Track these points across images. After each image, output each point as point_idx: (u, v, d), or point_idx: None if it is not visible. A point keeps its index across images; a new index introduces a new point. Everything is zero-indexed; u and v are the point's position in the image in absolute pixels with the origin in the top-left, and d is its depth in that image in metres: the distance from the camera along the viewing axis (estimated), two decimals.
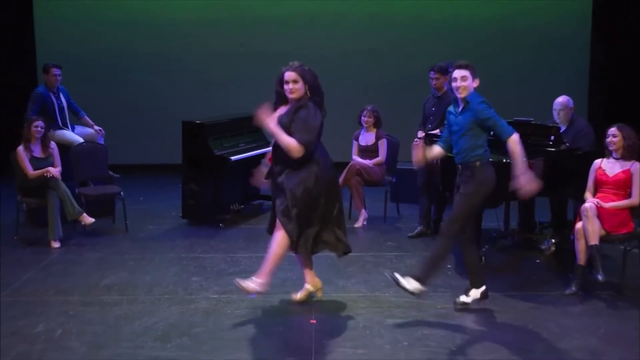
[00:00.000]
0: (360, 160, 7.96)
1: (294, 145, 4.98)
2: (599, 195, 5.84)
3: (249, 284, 5.13)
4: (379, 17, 11.15)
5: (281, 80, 5.13)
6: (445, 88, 7.09)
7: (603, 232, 5.62)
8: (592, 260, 5.55)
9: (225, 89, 11.09)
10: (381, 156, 7.96)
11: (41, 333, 4.95)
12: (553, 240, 6.75)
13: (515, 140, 5.02)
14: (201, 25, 11.12)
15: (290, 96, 5.10)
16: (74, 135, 8.19)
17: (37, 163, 7.19)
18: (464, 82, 5.11)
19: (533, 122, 6.70)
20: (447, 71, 7.08)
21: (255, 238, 7.36)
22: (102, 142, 8.41)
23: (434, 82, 7.19)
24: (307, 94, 5.12)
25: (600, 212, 5.61)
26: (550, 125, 6.65)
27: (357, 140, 8.11)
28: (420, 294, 5.18)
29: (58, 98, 8.18)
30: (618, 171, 5.78)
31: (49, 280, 6.10)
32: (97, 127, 8.49)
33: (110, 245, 7.17)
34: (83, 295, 5.73)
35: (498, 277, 6.07)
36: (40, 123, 7.27)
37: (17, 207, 7.42)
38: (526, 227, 7.04)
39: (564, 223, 6.77)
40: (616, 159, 5.82)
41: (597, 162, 5.94)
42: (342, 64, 11.06)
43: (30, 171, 7.13)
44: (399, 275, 5.17)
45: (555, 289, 5.79)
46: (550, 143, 6.43)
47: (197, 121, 7.92)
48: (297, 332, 5.04)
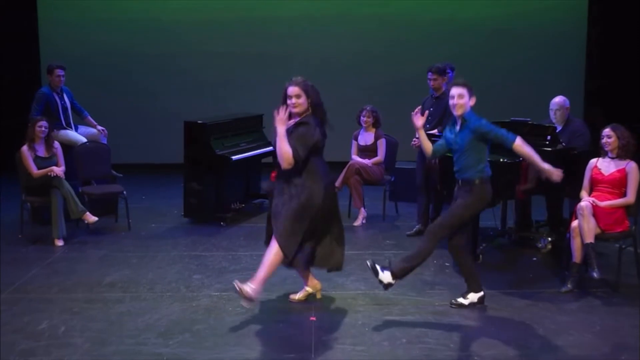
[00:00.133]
0: (359, 159, 7.99)
1: (289, 155, 4.97)
2: (594, 194, 5.85)
3: (246, 288, 5.04)
4: (377, 18, 11.16)
5: (284, 95, 5.13)
6: (444, 89, 7.11)
7: (598, 231, 5.63)
8: (587, 258, 5.57)
9: (226, 89, 11.11)
10: (380, 156, 7.99)
11: (45, 330, 4.98)
12: (549, 239, 6.77)
13: (519, 144, 5.07)
14: (202, 26, 11.14)
15: (293, 110, 5.09)
16: (77, 135, 8.20)
17: (41, 162, 7.21)
18: (461, 99, 5.14)
19: (530, 122, 6.74)
20: (444, 72, 7.16)
21: (255, 236, 7.39)
22: (105, 141, 8.42)
23: (431, 83, 7.21)
24: (309, 109, 5.12)
25: (595, 211, 5.63)
26: (547, 125, 6.68)
27: (356, 140, 8.14)
28: (388, 287, 5.19)
29: (62, 98, 8.19)
30: (613, 170, 5.79)
31: (52, 278, 6.13)
32: (100, 127, 8.49)
33: (113, 243, 7.20)
34: (86, 293, 5.76)
35: (495, 274, 6.12)
36: (44, 123, 7.31)
37: (21, 206, 7.43)
38: (523, 225, 7.06)
39: (560, 221, 6.79)
40: (611, 158, 5.83)
41: (593, 161, 5.95)
42: (342, 65, 11.08)
43: (34, 170, 7.15)
44: (379, 267, 5.16)
45: (551, 287, 5.81)
46: (547, 143, 6.46)
47: (198, 121, 7.94)
48: (297, 329, 5.05)
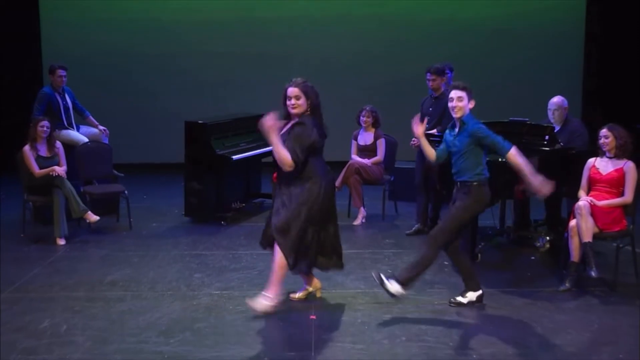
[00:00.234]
0: (359, 159, 8.01)
1: (288, 159, 4.97)
2: (592, 193, 5.86)
3: (261, 302, 5.12)
4: (377, 18, 11.18)
5: (284, 96, 5.13)
6: (442, 89, 7.15)
7: (596, 230, 5.65)
8: (585, 257, 5.59)
9: (226, 89, 11.14)
10: (379, 155, 8.01)
11: (47, 328, 5.00)
12: (547, 238, 6.80)
13: (514, 153, 5.09)
14: (202, 26, 11.17)
15: (292, 111, 5.10)
16: (79, 135, 8.23)
17: (43, 162, 7.24)
18: (460, 102, 5.18)
19: (528, 122, 6.76)
20: (443, 72, 7.18)
21: (256, 235, 7.32)
22: (106, 141, 8.45)
23: (430, 83, 7.23)
24: (308, 110, 5.11)
25: (593, 210, 5.65)
26: (545, 125, 6.69)
27: (356, 139, 8.16)
28: (401, 297, 5.26)
29: (63, 98, 8.23)
30: (611, 170, 5.81)
31: (54, 277, 6.15)
32: (101, 127, 8.52)
33: (115, 243, 7.22)
34: (88, 291, 5.78)
35: (494, 273, 6.14)
36: (46, 123, 7.33)
37: (23, 205, 7.45)
38: (521, 224, 7.07)
39: (558, 221, 6.80)
40: (609, 158, 5.84)
41: (591, 160, 5.96)
42: (342, 65, 11.10)
43: (36, 170, 7.18)
44: (384, 277, 5.24)
45: (549, 285, 5.83)
46: (545, 142, 6.47)
47: (199, 121, 7.96)
48: (297, 328, 5.07)
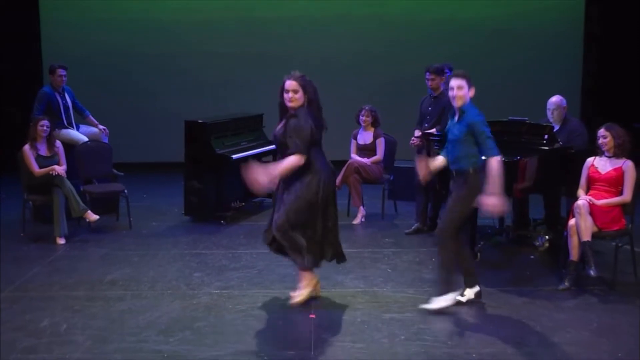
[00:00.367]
0: (358, 158, 8.01)
1: (294, 160, 4.99)
2: (591, 192, 5.86)
3: (301, 292, 5.34)
4: (377, 18, 11.18)
5: (282, 89, 5.11)
6: (442, 88, 7.15)
7: (595, 229, 5.66)
8: (584, 256, 5.59)
9: (226, 89, 11.14)
10: (379, 154, 8.01)
11: (47, 327, 5.00)
12: (547, 237, 6.80)
13: (498, 160, 5.02)
14: (202, 26, 11.17)
15: (289, 105, 5.08)
16: (78, 134, 8.24)
17: (42, 161, 7.25)
18: (460, 91, 5.15)
19: (527, 121, 6.79)
20: (442, 72, 7.19)
21: (255, 235, 7.40)
22: (106, 141, 8.46)
23: (429, 83, 7.25)
24: (305, 104, 5.09)
25: (592, 209, 5.66)
26: (544, 124, 6.72)
27: (355, 139, 8.16)
28: (456, 301, 5.33)
29: (63, 98, 8.24)
30: (610, 169, 5.81)
31: (54, 276, 6.16)
32: (101, 127, 8.54)
33: (114, 242, 7.23)
34: (88, 291, 5.79)
35: (493, 272, 6.13)
36: (45, 122, 7.34)
37: (23, 205, 7.46)
38: (520, 224, 7.07)
39: (557, 220, 6.81)
40: (608, 157, 5.85)
41: (590, 160, 5.97)
42: (341, 65, 11.10)
43: (36, 169, 7.19)
44: (432, 305, 5.28)
45: (548, 284, 5.84)
46: (544, 142, 6.50)
47: (199, 121, 7.98)
48: (296, 327, 5.08)
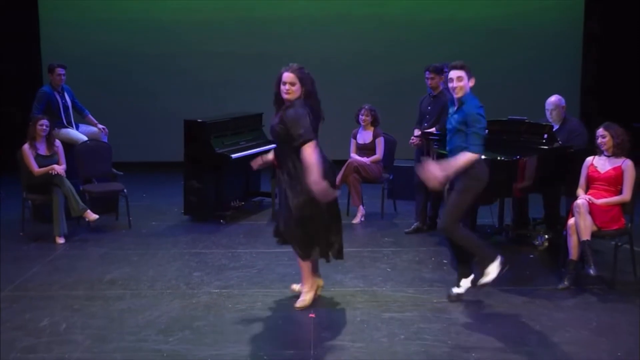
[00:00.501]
0: (358, 157, 8.01)
1: (309, 152, 4.91)
2: (590, 191, 5.87)
3: (303, 299, 5.33)
4: (377, 18, 11.18)
5: (279, 80, 5.06)
6: (441, 87, 7.17)
7: (595, 228, 5.66)
8: (584, 256, 5.59)
9: (226, 89, 11.14)
10: (378, 154, 8.01)
11: (46, 327, 5.01)
12: (546, 236, 6.81)
13: (471, 157, 5.06)
14: (202, 26, 11.17)
15: (285, 97, 5.02)
16: (78, 134, 8.23)
17: (42, 161, 7.25)
18: (460, 82, 5.17)
19: (526, 120, 6.79)
20: (442, 71, 7.19)
21: (255, 234, 7.45)
22: (105, 140, 8.46)
23: (429, 82, 7.25)
24: (302, 97, 5.04)
25: (592, 209, 5.66)
26: (544, 123, 6.72)
27: (355, 138, 8.16)
28: (474, 284, 5.45)
29: (63, 97, 8.23)
30: (609, 168, 5.81)
31: (53, 275, 6.16)
32: (100, 126, 8.53)
33: (114, 241, 7.23)
34: (87, 290, 5.79)
35: None
36: (45, 122, 7.34)
37: (22, 204, 7.47)
38: (520, 223, 7.07)
39: (556, 219, 6.82)
40: (607, 156, 5.85)
41: (589, 159, 5.97)
42: (341, 65, 11.09)
43: (36, 169, 7.19)
44: (455, 291, 5.40)
45: (548, 284, 5.84)
46: (543, 141, 6.51)
47: (198, 120, 7.97)
48: (296, 326, 5.09)
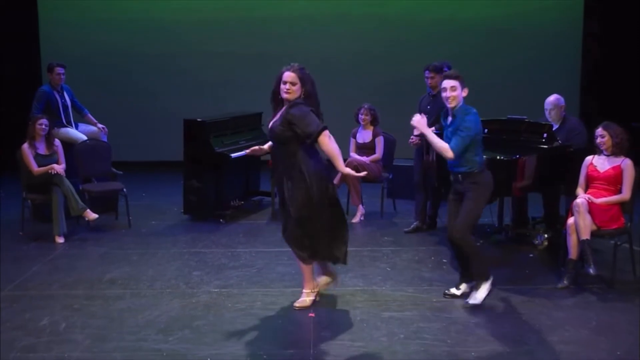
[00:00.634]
0: (357, 157, 8.00)
1: (326, 141, 4.95)
2: (590, 191, 5.88)
3: (302, 299, 5.34)
4: (377, 18, 11.19)
5: (279, 79, 5.04)
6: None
7: (594, 227, 5.68)
8: (583, 255, 5.61)
9: (226, 89, 11.14)
10: (378, 153, 8.02)
11: (46, 326, 5.01)
12: (546, 235, 6.81)
13: (446, 151, 5.17)
14: (202, 26, 11.17)
15: (284, 96, 5.00)
16: (77, 133, 8.23)
17: (41, 160, 7.25)
18: (454, 92, 5.16)
19: (526, 119, 6.80)
20: (441, 70, 7.18)
21: (254, 233, 7.46)
22: (105, 139, 8.46)
23: (429, 81, 7.25)
24: (301, 97, 5.01)
25: (591, 208, 5.67)
26: (543, 123, 6.72)
27: (354, 137, 8.17)
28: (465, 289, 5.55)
29: (62, 96, 8.23)
30: (608, 167, 5.82)
31: (53, 275, 6.16)
32: (100, 125, 8.53)
33: (114, 241, 7.24)
34: (87, 289, 5.79)
35: (492, 271, 6.02)
36: (44, 121, 7.34)
37: (22, 203, 7.47)
38: (519, 222, 7.09)
39: (556, 218, 6.83)
40: (607, 155, 5.85)
41: (589, 158, 5.98)
42: (341, 64, 11.10)
43: (35, 168, 7.19)
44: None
45: (547, 283, 5.85)
46: (543, 140, 6.52)
47: (198, 119, 7.97)
48: (296, 325, 5.09)
